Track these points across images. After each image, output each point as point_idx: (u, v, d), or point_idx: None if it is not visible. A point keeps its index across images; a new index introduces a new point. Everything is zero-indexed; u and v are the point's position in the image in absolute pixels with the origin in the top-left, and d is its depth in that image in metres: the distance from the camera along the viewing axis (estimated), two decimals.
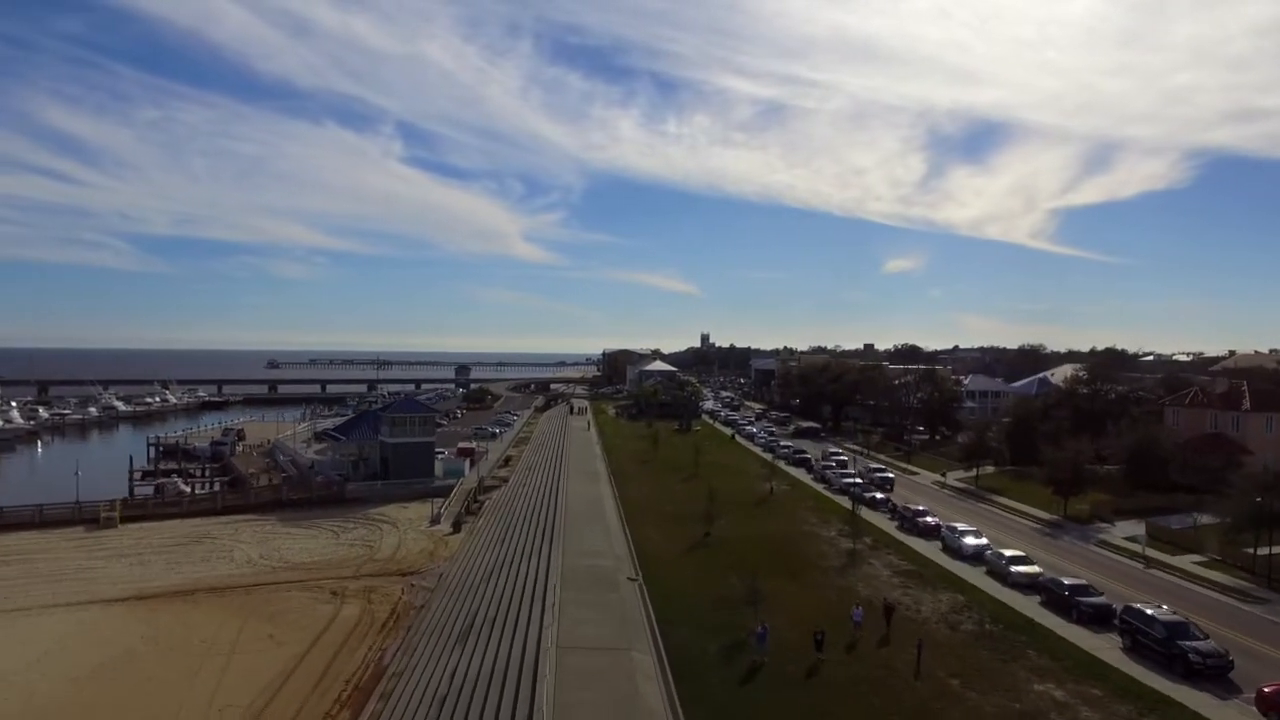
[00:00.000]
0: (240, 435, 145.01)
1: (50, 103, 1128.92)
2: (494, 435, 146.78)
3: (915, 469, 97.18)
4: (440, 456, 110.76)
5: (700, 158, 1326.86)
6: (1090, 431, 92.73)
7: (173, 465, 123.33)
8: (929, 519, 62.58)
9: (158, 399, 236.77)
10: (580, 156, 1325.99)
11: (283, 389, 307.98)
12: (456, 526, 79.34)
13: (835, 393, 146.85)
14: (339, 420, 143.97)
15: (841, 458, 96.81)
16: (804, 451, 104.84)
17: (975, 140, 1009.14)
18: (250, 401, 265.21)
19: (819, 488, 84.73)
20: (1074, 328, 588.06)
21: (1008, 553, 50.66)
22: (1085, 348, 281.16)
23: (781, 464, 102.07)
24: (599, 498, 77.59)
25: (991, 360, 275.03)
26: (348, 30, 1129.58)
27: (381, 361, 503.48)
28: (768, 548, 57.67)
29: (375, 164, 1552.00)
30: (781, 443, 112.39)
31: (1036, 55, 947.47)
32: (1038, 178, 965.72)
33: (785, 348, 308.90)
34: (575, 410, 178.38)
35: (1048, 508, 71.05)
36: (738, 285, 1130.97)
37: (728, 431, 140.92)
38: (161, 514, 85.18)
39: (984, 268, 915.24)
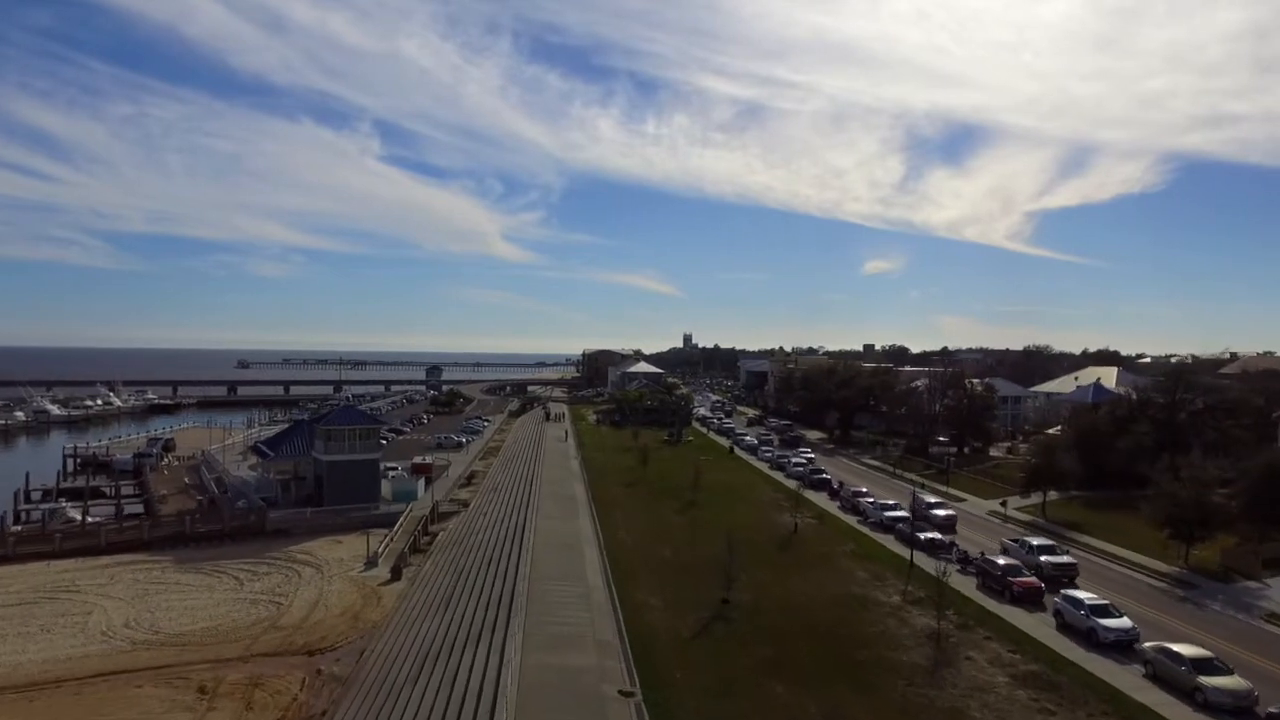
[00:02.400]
0: (168, 446, 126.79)
1: (19, 96, 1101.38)
2: (460, 445, 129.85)
3: (959, 494, 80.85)
4: (391, 474, 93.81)
5: (680, 158, 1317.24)
6: (1171, 450, 77.25)
7: (83, 482, 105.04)
8: (1025, 578, 46.16)
9: (99, 401, 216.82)
10: (559, 156, 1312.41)
11: (243, 390, 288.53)
12: (396, 572, 62.18)
13: (844, 399, 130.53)
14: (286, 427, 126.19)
15: (946, 513, 66.64)
16: (823, 471, 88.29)
17: (953, 142, 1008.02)
18: (206, 404, 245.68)
19: (851, 520, 68.23)
20: (1050, 329, 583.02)
21: (1187, 651, 33.94)
22: (1070, 349, 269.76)
23: (790, 483, 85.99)
24: (576, 538, 60.86)
25: (994, 362, 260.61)
26: (324, 27, 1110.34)
27: (354, 362, 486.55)
28: (813, 625, 41.23)
29: (353, 162, 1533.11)
30: (793, 459, 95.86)
31: (1014, 59, 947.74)
32: (1015, 180, 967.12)
33: (780, 348, 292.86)
34: (551, 416, 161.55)
35: (1159, 554, 54.92)
36: (718, 286, 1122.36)
37: (724, 443, 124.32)
38: (26, 554, 67.54)
39: (962, 269, 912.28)
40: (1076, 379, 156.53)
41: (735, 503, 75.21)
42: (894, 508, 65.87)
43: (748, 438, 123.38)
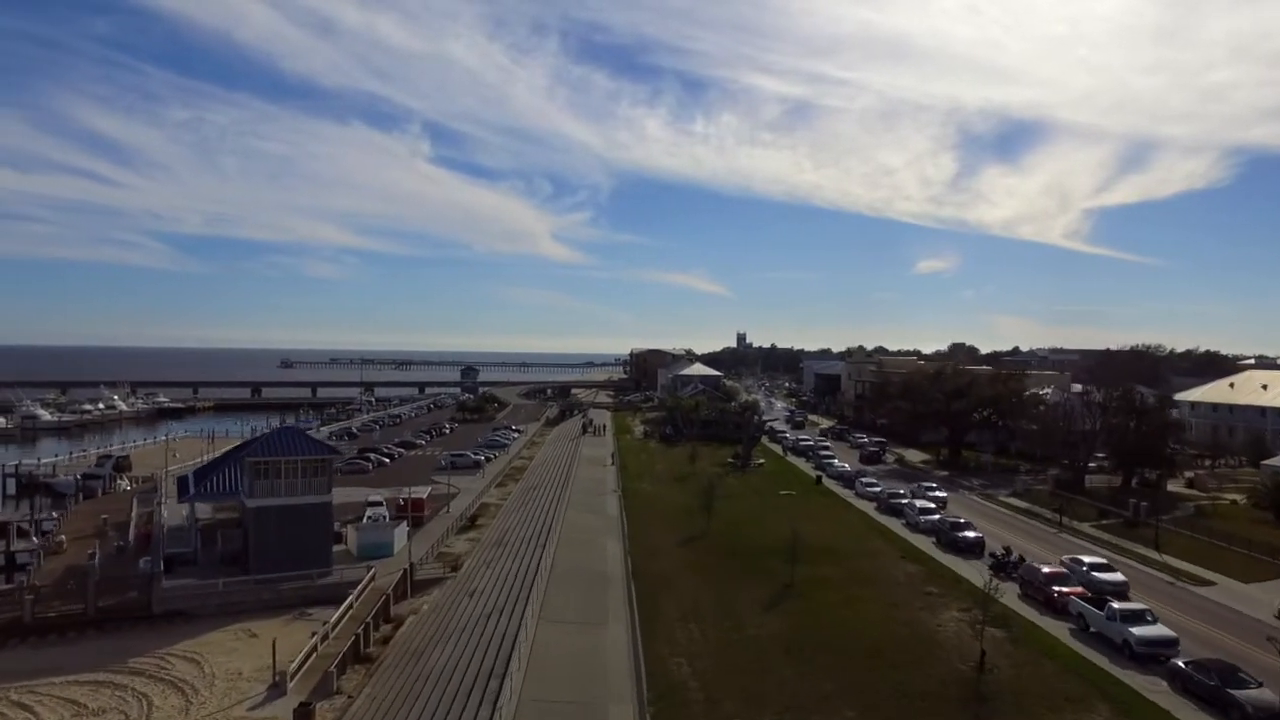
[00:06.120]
0: (120, 465, 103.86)
1: (80, 103, 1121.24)
2: (477, 464, 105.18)
3: (1190, 568, 52.76)
4: (368, 515, 69.14)
5: (728, 157, 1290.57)
6: None
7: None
8: None
9: (100, 405, 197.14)
10: (607, 156, 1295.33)
11: (269, 392, 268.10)
12: (305, 714, 36.99)
13: (958, 412, 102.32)
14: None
15: None
16: (967, 525, 60.47)
17: (1007, 139, 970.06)
18: (224, 407, 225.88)
19: (1058, 632, 40.94)
20: (1111, 329, 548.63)
21: None
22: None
23: (918, 539, 59.48)
24: (599, 678, 34.80)
25: (1094, 364, 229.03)
26: (372, 30, 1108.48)
27: (399, 363, 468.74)
28: None
29: (403, 164, 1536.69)
30: (917, 503, 68.31)
31: (1069, 53, 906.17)
32: (1072, 177, 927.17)
33: (860, 347, 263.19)
34: (591, 428, 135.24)
35: None
36: (767, 286, 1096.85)
37: (808, 469, 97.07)
38: None
39: (1018, 268, 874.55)
40: (1233, 385, 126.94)
41: (852, 584, 48.55)
42: (1145, 618, 38.26)
43: (836, 461, 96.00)
